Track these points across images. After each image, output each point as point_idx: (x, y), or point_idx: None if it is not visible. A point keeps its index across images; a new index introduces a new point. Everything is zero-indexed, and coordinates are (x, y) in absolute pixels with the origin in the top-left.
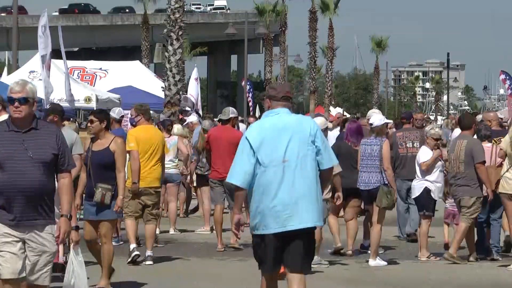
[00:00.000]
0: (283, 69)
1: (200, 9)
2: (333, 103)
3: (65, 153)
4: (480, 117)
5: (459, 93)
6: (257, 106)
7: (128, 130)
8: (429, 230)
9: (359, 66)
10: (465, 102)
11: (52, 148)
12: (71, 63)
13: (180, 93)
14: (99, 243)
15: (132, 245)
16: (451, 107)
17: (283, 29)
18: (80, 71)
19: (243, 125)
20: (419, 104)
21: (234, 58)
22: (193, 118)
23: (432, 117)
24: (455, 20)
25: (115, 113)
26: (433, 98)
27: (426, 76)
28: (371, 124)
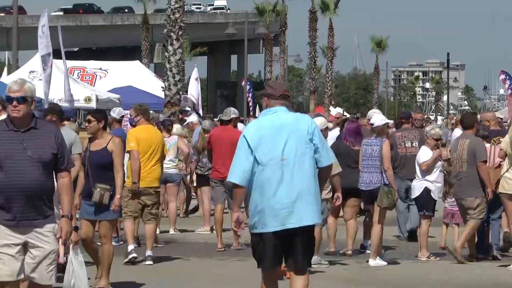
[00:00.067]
0: (283, 69)
1: (200, 9)
2: (333, 103)
3: (64, 153)
4: (479, 118)
5: (459, 93)
6: (257, 106)
7: (128, 130)
8: (429, 230)
9: (359, 66)
10: (465, 102)
11: (52, 148)
12: (71, 63)
13: (180, 93)
14: (95, 242)
15: (130, 247)
16: (451, 107)
17: (283, 29)
18: (80, 71)
19: (241, 125)
20: (419, 104)
21: (234, 58)
22: (193, 118)
23: (432, 117)
24: (455, 20)
25: (115, 113)
26: (433, 98)
27: (426, 76)
28: (372, 124)
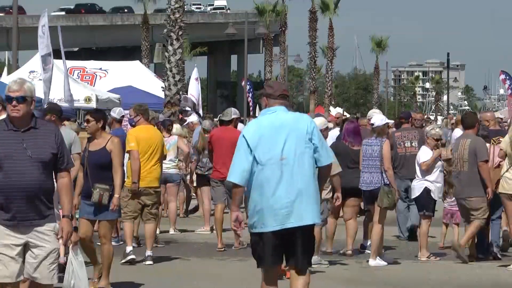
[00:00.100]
0: (283, 69)
1: (200, 9)
2: (333, 103)
3: (64, 153)
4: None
5: (459, 93)
6: (257, 106)
7: (128, 130)
8: (429, 230)
9: (359, 66)
10: (465, 102)
11: (51, 148)
12: (71, 63)
13: (180, 93)
14: (94, 242)
15: (128, 248)
16: (451, 107)
17: (283, 29)
18: (80, 71)
19: (241, 125)
20: (419, 104)
21: (234, 58)
22: (193, 118)
23: (432, 117)
24: (455, 20)
25: (115, 113)
26: (433, 98)
27: (426, 76)
28: (372, 124)
